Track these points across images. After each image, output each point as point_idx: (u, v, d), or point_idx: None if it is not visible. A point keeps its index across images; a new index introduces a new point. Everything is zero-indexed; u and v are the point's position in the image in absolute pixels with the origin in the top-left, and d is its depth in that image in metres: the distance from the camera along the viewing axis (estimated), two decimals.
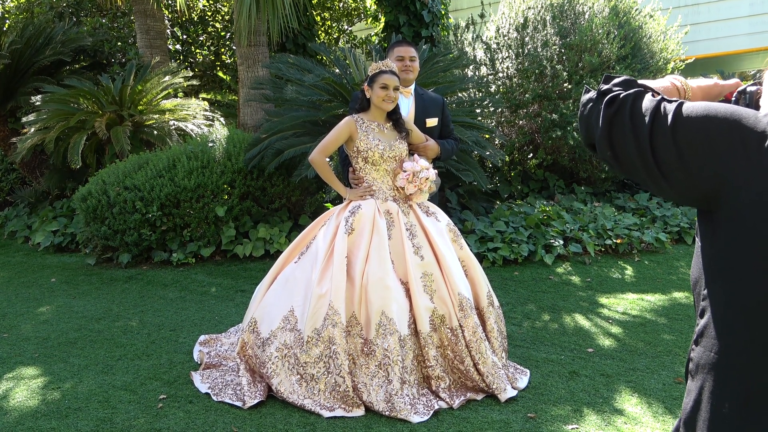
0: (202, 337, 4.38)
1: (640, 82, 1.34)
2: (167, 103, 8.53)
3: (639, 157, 1.24)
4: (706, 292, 1.22)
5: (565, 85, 7.75)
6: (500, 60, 8.17)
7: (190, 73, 9.50)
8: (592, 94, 1.36)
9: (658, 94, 1.28)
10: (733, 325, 1.17)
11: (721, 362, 1.18)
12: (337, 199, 6.22)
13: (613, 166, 1.32)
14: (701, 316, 1.24)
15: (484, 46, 8.31)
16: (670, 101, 1.24)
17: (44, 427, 3.22)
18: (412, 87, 4.25)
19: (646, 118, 1.23)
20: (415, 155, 3.81)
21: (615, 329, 4.64)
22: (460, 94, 7.66)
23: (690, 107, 1.21)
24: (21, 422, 3.28)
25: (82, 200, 6.65)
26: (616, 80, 1.35)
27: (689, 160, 1.18)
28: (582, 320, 4.85)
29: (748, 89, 1.31)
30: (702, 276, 1.23)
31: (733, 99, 1.34)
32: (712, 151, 1.16)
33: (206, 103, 9.87)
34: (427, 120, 4.19)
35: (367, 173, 3.76)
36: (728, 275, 1.17)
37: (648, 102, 1.25)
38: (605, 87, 1.34)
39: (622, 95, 1.29)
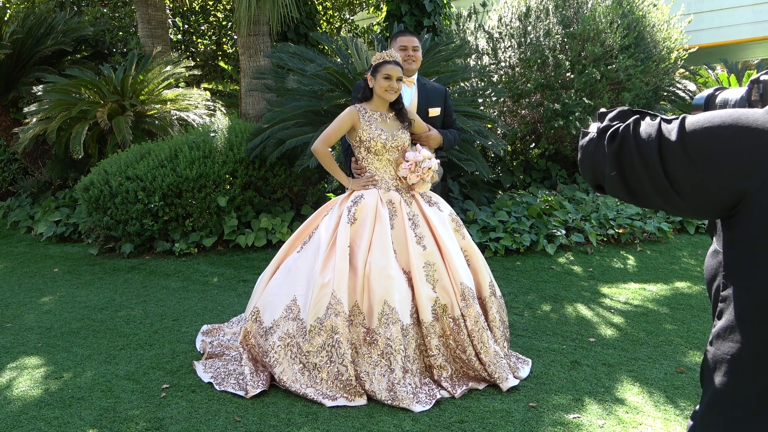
0: (204, 327, 4.39)
1: (634, 109, 1.33)
2: (169, 93, 8.52)
3: (652, 183, 1.22)
4: (724, 293, 1.20)
5: (568, 74, 7.72)
6: (502, 49, 8.14)
7: (192, 63, 9.48)
8: (592, 134, 1.34)
9: (656, 115, 1.27)
10: (752, 327, 1.15)
11: (738, 363, 1.17)
12: (340, 189, 6.21)
13: (629, 200, 1.30)
14: (719, 317, 1.22)
15: (487, 36, 8.28)
16: (669, 120, 1.23)
17: (47, 417, 3.24)
18: (415, 77, 4.24)
19: (652, 142, 1.21)
20: (418, 145, 3.80)
21: (617, 319, 4.65)
22: (462, 84, 7.64)
23: (694, 120, 1.19)
24: (24, 411, 3.30)
25: (84, 190, 6.66)
26: (611, 114, 1.33)
27: (703, 171, 1.16)
28: (584, 310, 4.85)
29: (762, 78, 1.30)
30: (718, 276, 1.22)
31: (746, 89, 1.33)
32: (725, 159, 1.14)
33: (208, 93, 9.86)
34: (429, 110, 4.18)
35: (369, 163, 3.76)
36: (747, 276, 1.15)
37: (649, 127, 1.24)
38: (603, 125, 1.32)
39: (621, 127, 1.27)
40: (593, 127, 1.36)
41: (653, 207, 1.29)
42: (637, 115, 1.28)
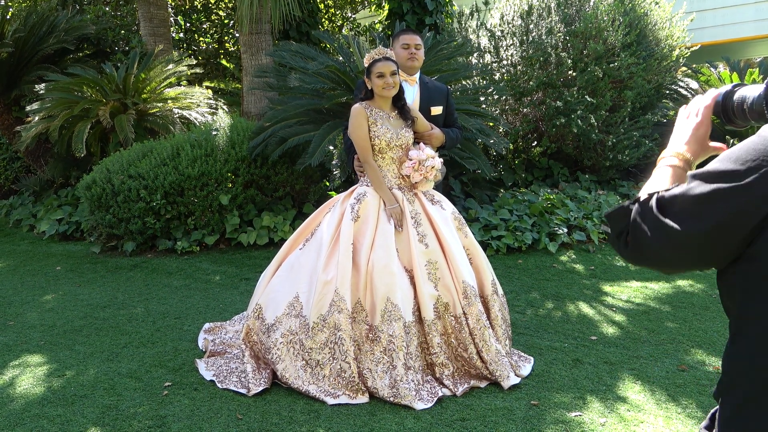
0: (206, 325, 4.40)
1: (638, 195, 1.29)
2: (171, 92, 8.53)
3: (685, 253, 1.19)
4: (740, 309, 1.18)
5: (570, 72, 7.71)
6: (504, 47, 8.14)
7: (194, 62, 9.49)
8: (612, 239, 1.34)
9: (651, 195, 1.24)
10: None
11: (757, 380, 1.15)
12: (341, 187, 6.22)
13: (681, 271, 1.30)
14: (736, 332, 1.20)
15: (489, 34, 8.27)
16: (666, 193, 1.21)
17: (50, 414, 3.24)
18: (417, 75, 4.23)
19: (658, 219, 1.20)
20: (421, 144, 3.80)
21: (618, 317, 4.65)
22: (464, 82, 7.64)
23: (695, 184, 1.17)
24: (27, 409, 3.31)
25: (86, 189, 6.67)
26: (615, 217, 1.31)
27: (745, 199, 1.13)
28: (585, 308, 4.85)
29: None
30: (734, 292, 1.19)
31: (765, 87, 1.30)
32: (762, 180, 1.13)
33: (210, 91, 9.87)
34: (431, 108, 4.17)
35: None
36: (766, 291, 1.14)
37: (649, 220, 1.22)
38: (613, 232, 1.32)
39: (628, 235, 1.26)
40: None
41: (700, 267, 1.25)
42: (636, 205, 1.26)
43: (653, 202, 1.22)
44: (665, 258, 1.21)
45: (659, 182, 1.34)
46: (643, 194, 1.27)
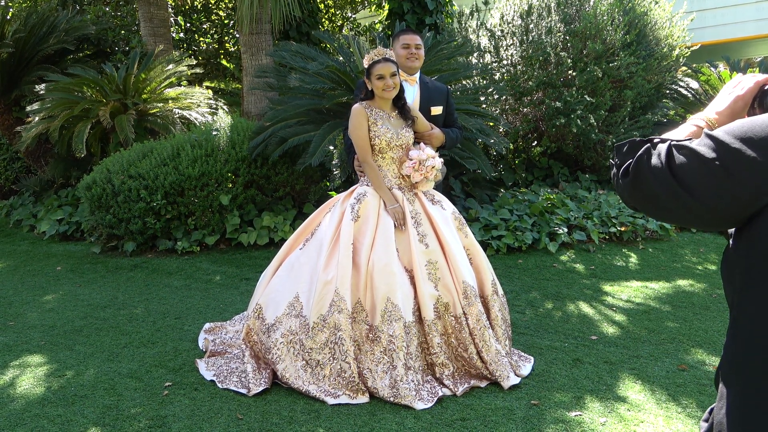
0: (207, 325, 4.40)
1: (644, 139, 1.31)
2: (171, 92, 8.53)
3: (675, 203, 1.21)
4: (741, 297, 1.18)
5: (570, 72, 7.71)
6: (504, 47, 8.14)
7: (194, 62, 9.50)
8: (614, 170, 1.35)
9: (665, 139, 1.26)
10: None
11: (757, 368, 1.15)
12: (341, 187, 6.22)
13: (666, 221, 1.31)
14: (736, 321, 1.21)
15: (489, 34, 8.27)
16: (681, 145, 1.21)
17: (50, 414, 3.25)
18: (417, 75, 4.23)
19: (663, 168, 1.21)
20: (421, 144, 3.80)
21: (619, 317, 4.65)
22: (464, 82, 7.64)
23: (728, 129, 1.18)
24: (28, 409, 3.31)
25: (86, 189, 6.67)
26: (624, 148, 1.32)
27: (738, 181, 1.14)
28: (586, 308, 4.85)
29: None
30: (737, 280, 1.19)
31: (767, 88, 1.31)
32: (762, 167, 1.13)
33: (210, 91, 9.88)
34: (431, 108, 4.17)
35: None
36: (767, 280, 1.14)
37: (655, 158, 1.23)
38: (618, 161, 1.33)
39: (632, 164, 1.27)
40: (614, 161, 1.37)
41: (687, 224, 1.28)
42: (648, 144, 1.28)
43: (663, 147, 1.24)
44: (661, 201, 1.24)
45: (677, 133, 1.36)
46: (656, 138, 1.29)
